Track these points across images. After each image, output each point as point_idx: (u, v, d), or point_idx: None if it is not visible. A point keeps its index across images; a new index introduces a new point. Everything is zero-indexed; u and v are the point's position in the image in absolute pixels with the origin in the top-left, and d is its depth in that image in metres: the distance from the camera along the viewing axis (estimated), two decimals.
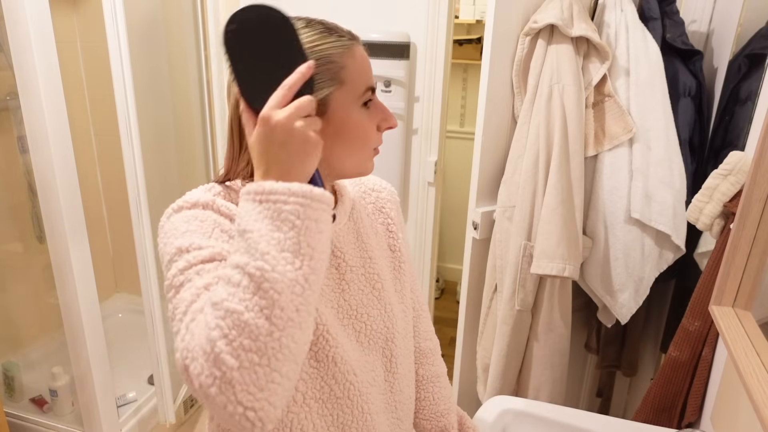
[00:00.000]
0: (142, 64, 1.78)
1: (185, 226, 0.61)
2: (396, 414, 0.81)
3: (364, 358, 0.75)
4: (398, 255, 0.84)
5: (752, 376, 0.83)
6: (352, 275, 0.76)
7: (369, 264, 0.78)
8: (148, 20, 1.94)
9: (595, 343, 1.69)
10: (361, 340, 0.75)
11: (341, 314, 0.74)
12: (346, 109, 0.66)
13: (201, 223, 0.62)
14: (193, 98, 2.06)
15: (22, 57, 1.33)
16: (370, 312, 0.76)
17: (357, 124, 0.67)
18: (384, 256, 0.82)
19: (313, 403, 0.69)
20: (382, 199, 0.85)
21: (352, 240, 0.77)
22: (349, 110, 0.66)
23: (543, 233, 1.35)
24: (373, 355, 0.76)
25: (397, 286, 0.83)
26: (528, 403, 1.18)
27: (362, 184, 0.85)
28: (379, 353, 0.77)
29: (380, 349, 0.77)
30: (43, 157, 1.41)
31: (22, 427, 1.83)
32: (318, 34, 0.65)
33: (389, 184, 0.89)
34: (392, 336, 0.79)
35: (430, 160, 1.89)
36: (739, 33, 1.35)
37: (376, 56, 1.75)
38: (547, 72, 1.35)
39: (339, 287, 0.74)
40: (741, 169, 1.08)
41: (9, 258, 2.01)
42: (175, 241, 0.60)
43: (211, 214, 0.63)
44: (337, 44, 0.65)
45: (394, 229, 0.84)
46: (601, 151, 1.40)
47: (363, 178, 0.86)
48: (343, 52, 0.65)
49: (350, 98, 0.66)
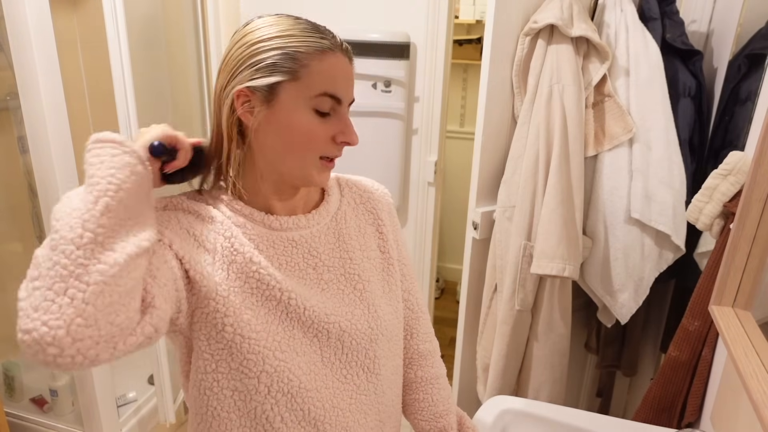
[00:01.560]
0: (142, 64, 1.78)
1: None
2: (379, 416, 0.81)
3: (336, 367, 0.75)
4: (387, 257, 0.84)
5: (752, 376, 0.83)
6: (330, 275, 0.77)
7: (349, 264, 0.78)
8: (148, 20, 1.94)
9: (595, 343, 1.69)
10: (343, 339, 0.75)
11: (328, 310, 0.75)
12: (293, 105, 0.68)
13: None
14: (193, 98, 2.06)
15: (23, 57, 1.33)
16: (353, 311, 0.77)
17: (300, 124, 0.68)
18: (371, 257, 0.82)
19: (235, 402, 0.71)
20: (373, 200, 0.86)
21: (331, 240, 0.78)
22: (296, 108, 0.68)
23: (543, 233, 1.35)
24: (352, 356, 0.76)
25: (385, 288, 0.83)
26: (528, 403, 1.18)
27: (356, 186, 0.86)
28: (361, 354, 0.77)
29: (363, 350, 0.77)
30: (43, 157, 1.41)
31: (23, 426, 1.83)
32: (298, 28, 0.68)
33: (383, 187, 0.90)
34: (376, 337, 0.78)
35: (430, 160, 1.89)
36: (739, 33, 1.35)
37: (376, 56, 1.75)
38: (547, 72, 1.35)
39: (318, 286, 0.75)
40: (741, 169, 1.08)
41: (9, 258, 2.01)
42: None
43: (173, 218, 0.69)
44: (310, 42, 0.67)
45: (384, 230, 0.85)
46: (601, 151, 1.40)
47: (358, 181, 0.87)
48: (312, 52, 0.67)
49: (300, 97, 0.68)
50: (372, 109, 1.80)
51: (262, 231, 0.73)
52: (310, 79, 0.67)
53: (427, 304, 0.96)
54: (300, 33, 0.68)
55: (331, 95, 0.68)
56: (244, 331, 0.68)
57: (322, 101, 0.68)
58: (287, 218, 0.75)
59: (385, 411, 0.82)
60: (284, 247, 0.74)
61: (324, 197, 0.81)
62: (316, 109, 0.68)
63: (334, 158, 0.73)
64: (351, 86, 0.72)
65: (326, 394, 0.74)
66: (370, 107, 1.79)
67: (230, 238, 0.70)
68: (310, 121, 0.69)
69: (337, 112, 0.70)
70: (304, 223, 0.76)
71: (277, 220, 0.74)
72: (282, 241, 0.74)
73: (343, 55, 0.70)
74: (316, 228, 0.77)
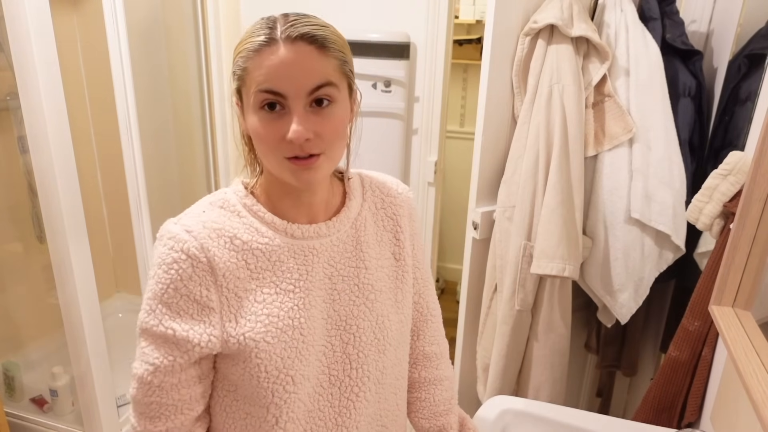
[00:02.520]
0: (142, 64, 1.78)
1: (160, 297, 0.68)
2: (381, 421, 0.81)
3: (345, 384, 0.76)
4: (402, 264, 0.83)
5: (752, 375, 0.83)
6: (344, 285, 0.76)
7: (363, 274, 0.77)
8: (148, 20, 1.95)
9: (595, 343, 1.69)
10: (348, 352, 0.75)
11: (330, 325, 0.74)
12: (248, 108, 0.67)
13: (173, 295, 0.68)
14: (193, 98, 2.06)
15: (23, 57, 1.33)
16: (359, 324, 0.76)
17: (253, 126, 0.67)
18: (385, 265, 0.81)
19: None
20: (395, 205, 0.84)
21: (349, 249, 0.77)
22: (248, 110, 0.67)
23: (543, 233, 1.35)
24: (362, 371, 0.76)
25: (398, 296, 0.81)
26: (528, 403, 1.18)
27: (379, 189, 0.84)
28: (371, 366, 0.77)
29: (372, 362, 0.77)
30: (43, 157, 1.41)
31: (23, 426, 1.83)
32: (252, 30, 0.66)
33: (407, 188, 0.88)
34: (383, 348, 0.78)
35: (430, 160, 1.89)
36: (739, 33, 1.35)
37: (376, 56, 1.75)
38: (547, 72, 1.35)
39: (330, 297, 0.75)
40: (741, 169, 1.08)
41: (9, 258, 2.01)
42: (144, 308, 0.69)
43: (186, 279, 0.68)
44: (248, 44, 0.65)
45: (401, 237, 0.83)
46: (601, 151, 1.40)
47: (383, 182, 0.85)
48: (248, 54, 0.65)
49: (248, 99, 0.66)
50: (372, 109, 1.80)
51: (284, 241, 0.72)
52: (250, 80, 0.65)
53: (439, 308, 0.96)
54: (248, 36, 0.66)
55: (265, 90, 0.64)
56: (269, 367, 0.69)
57: (260, 98, 0.64)
58: (308, 227, 0.74)
59: (387, 416, 0.83)
60: (305, 256, 0.73)
61: (345, 202, 0.79)
62: (261, 107, 0.65)
63: (306, 157, 0.65)
64: (295, 75, 0.63)
65: (330, 414, 0.75)
66: (370, 107, 1.79)
67: (259, 257, 0.71)
68: (259, 122, 0.65)
69: (286, 108, 0.64)
70: (324, 232, 0.75)
71: (299, 229, 0.73)
72: (303, 251, 0.73)
73: (285, 45, 0.63)
74: (336, 236, 0.76)
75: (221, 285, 0.68)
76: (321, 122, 0.66)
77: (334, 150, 0.69)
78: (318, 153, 0.66)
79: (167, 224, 0.70)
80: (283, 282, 0.71)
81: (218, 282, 0.68)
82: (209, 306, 0.68)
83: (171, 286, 0.67)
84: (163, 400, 0.70)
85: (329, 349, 0.74)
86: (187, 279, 0.67)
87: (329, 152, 0.68)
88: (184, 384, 0.70)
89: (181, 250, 0.67)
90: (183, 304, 0.67)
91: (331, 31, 0.67)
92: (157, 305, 0.68)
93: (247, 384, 0.70)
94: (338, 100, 0.67)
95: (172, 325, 0.67)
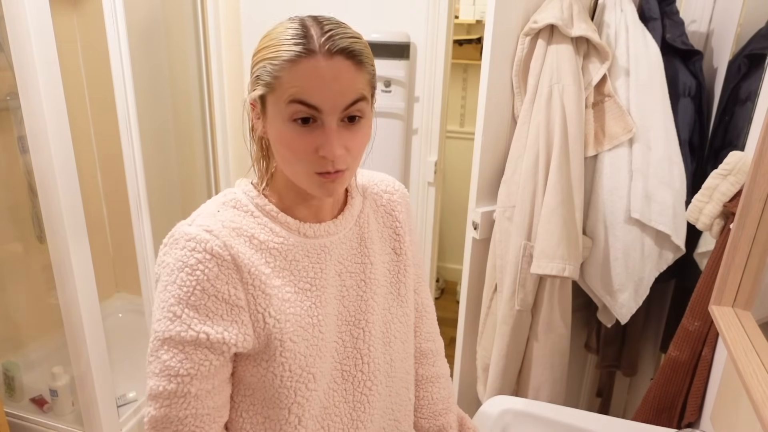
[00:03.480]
0: (142, 64, 1.78)
1: (186, 300, 0.65)
2: (393, 416, 0.82)
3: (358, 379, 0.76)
4: (403, 258, 0.84)
5: (752, 375, 0.83)
6: (351, 281, 0.77)
7: (369, 270, 0.78)
8: (148, 20, 1.95)
9: (595, 343, 1.69)
10: (359, 347, 0.76)
11: (340, 321, 0.75)
12: (275, 116, 0.66)
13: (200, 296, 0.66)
14: (193, 98, 2.06)
15: (22, 57, 1.33)
16: (368, 318, 0.77)
17: (280, 135, 0.66)
18: (387, 260, 0.82)
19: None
20: (393, 202, 0.85)
21: (354, 246, 0.78)
22: (276, 119, 0.66)
23: (543, 233, 1.35)
24: (374, 365, 0.77)
25: (401, 290, 0.83)
26: (528, 402, 1.18)
27: (376, 186, 0.85)
28: (380, 360, 0.78)
29: (381, 354, 0.78)
30: (43, 157, 1.41)
31: (23, 426, 1.83)
32: (284, 36, 0.64)
33: (402, 186, 0.89)
34: (389, 340, 0.79)
35: (430, 160, 1.89)
36: (739, 33, 1.35)
37: (376, 56, 1.74)
38: (547, 72, 1.35)
39: (340, 293, 0.75)
40: (741, 169, 1.08)
41: (9, 258, 2.01)
42: (164, 317, 0.66)
43: (213, 278, 0.66)
44: (283, 51, 0.63)
45: (401, 232, 0.85)
46: (601, 151, 1.40)
47: (378, 181, 0.86)
48: (282, 63, 0.63)
49: (277, 107, 0.65)
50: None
51: (297, 240, 0.72)
52: (281, 89, 0.63)
53: (433, 305, 0.96)
54: (279, 42, 0.64)
55: (299, 101, 0.62)
56: (293, 366, 0.69)
57: (294, 109, 0.63)
58: (318, 225, 0.74)
59: (399, 410, 0.83)
60: (317, 255, 0.74)
61: (347, 200, 0.80)
62: (294, 119, 0.64)
63: (335, 172, 0.66)
64: (333, 90, 0.63)
65: (345, 409, 0.75)
66: None
67: (276, 257, 0.71)
68: (286, 132, 0.65)
69: (319, 121, 0.64)
70: (333, 229, 0.76)
71: (311, 228, 0.73)
72: (315, 249, 0.74)
73: (325, 58, 0.62)
74: (343, 233, 0.77)
75: (247, 282, 0.67)
76: (352, 138, 0.66)
77: (358, 162, 0.70)
78: (345, 168, 0.67)
79: (180, 227, 0.68)
80: (300, 281, 0.71)
81: (244, 279, 0.67)
82: (238, 305, 0.67)
83: (198, 287, 0.65)
84: (199, 411, 0.67)
85: (341, 345, 0.75)
86: (214, 278, 0.65)
87: (353, 165, 0.69)
88: (218, 389, 0.69)
89: (204, 250, 0.65)
90: (212, 305, 0.65)
91: (364, 44, 0.67)
92: (183, 310, 0.65)
93: (268, 385, 0.69)
94: (367, 114, 0.68)
95: (204, 329, 0.65)
